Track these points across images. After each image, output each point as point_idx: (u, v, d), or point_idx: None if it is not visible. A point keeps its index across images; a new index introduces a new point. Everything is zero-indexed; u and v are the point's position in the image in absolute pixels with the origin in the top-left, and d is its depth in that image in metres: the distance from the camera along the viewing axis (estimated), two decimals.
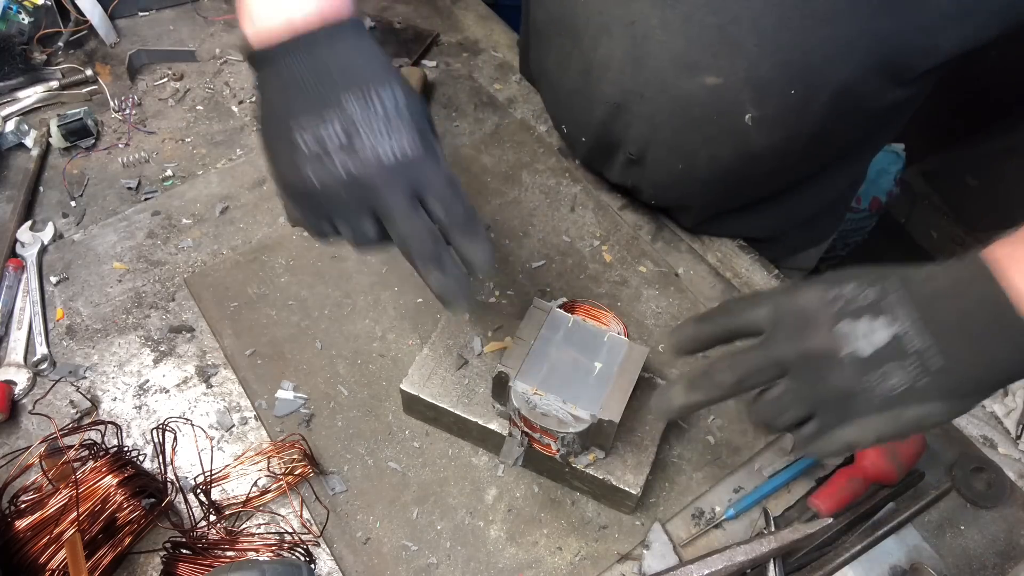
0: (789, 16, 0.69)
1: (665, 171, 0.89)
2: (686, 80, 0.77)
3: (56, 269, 0.90)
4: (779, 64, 0.73)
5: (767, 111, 0.77)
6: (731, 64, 0.74)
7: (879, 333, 0.44)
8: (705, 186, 0.89)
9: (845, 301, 0.45)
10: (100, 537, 0.68)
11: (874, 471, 0.75)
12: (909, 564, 0.73)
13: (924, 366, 0.43)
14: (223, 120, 1.07)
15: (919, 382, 0.43)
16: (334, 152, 0.54)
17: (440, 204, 0.57)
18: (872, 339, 0.44)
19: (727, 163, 0.84)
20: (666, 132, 0.84)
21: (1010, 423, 0.90)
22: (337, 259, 0.91)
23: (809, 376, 0.46)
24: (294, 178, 0.56)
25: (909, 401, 0.44)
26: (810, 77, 0.73)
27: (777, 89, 0.75)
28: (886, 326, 0.44)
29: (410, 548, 0.72)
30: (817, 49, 0.71)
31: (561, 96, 0.96)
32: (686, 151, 0.85)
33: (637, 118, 0.85)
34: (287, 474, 0.74)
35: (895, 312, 0.44)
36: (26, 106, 1.05)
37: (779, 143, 0.81)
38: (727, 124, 0.79)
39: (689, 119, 0.81)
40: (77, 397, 0.80)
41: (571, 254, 0.94)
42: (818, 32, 0.69)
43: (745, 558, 0.70)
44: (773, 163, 0.84)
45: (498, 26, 1.23)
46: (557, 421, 0.67)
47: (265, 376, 0.82)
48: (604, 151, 0.94)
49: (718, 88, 0.76)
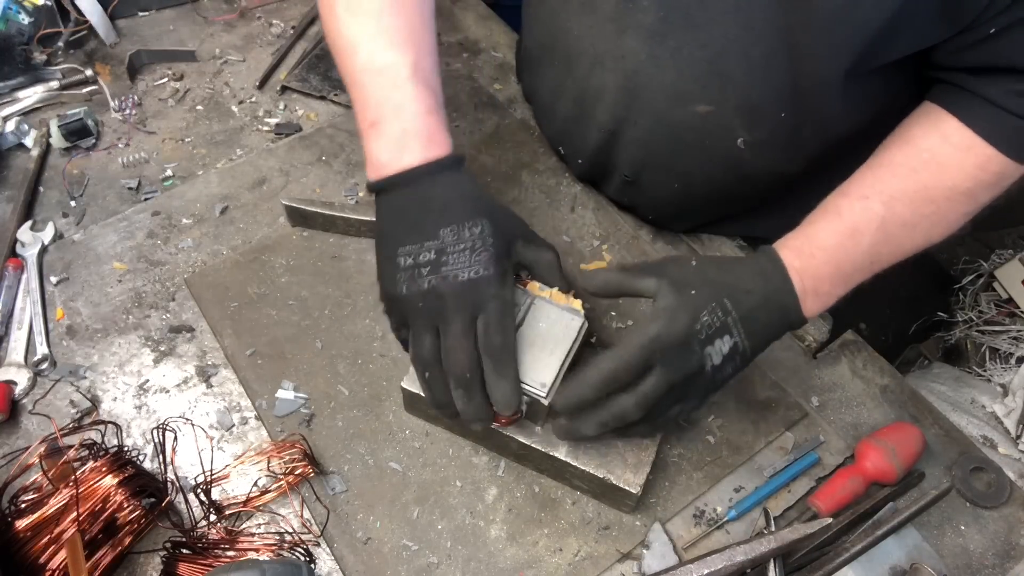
0: (777, 48, 0.70)
1: (661, 191, 0.90)
2: (678, 109, 0.78)
3: (56, 269, 0.90)
4: (769, 91, 0.74)
5: (759, 135, 0.78)
6: (721, 94, 0.75)
7: (725, 346, 0.65)
8: (702, 204, 0.90)
9: (705, 331, 0.63)
10: (100, 537, 0.67)
11: (874, 471, 0.75)
12: (909, 564, 0.73)
13: (743, 357, 0.66)
14: (223, 120, 1.07)
15: (738, 366, 0.67)
16: (427, 268, 0.66)
17: (483, 328, 0.65)
18: (722, 351, 0.65)
19: (722, 184, 0.85)
20: (660, 156, 0.85)
21: (1010, 423, 0.90)
22: (337, 259, 0.91)
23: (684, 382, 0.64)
24: (390, 289, 0.68)
25: (731, 378, 0.68)
26: (801, 102, 0.74)
27: (768, 114, 0.75)
28: (728, 341, 0.65)
29: (410, 548, 0.72)
30: (807, 76, 0.71)
31: (556, 121, 0.97)
32: (680, 173, 0.86)
33: (631, 143, 0.86)
34: (287, 474, 0.74)
35: (732, 331, 0.65)
36: (26, 106, 1.05)
37: (774, 164, 0.82)
38: (720, 148, 0.80)
39: (682, 144, 0.82)
40: (77, 397, 0.80)
41: (571, 254, 0.94)
42: (806, 64, 0.70)
43: (745, 558, 0.70)
44: (769, 181, 0.85)
45: (498, 26, 1.23)
46: None
47: (265, 376, 0.82)
48: (600, 172, 0.95)
49: (710, 115, 0.77)
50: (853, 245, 0.69)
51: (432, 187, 0.69)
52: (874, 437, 0.77)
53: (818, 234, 0.70)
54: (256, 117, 1.08)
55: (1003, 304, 1.27)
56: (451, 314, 0.65)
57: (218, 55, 1.15)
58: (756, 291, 0.66)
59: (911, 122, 0.73)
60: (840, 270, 0.69)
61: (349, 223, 0.92)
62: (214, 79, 1.12)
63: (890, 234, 0.70)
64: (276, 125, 1.06)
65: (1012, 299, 1.27)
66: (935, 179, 0.69)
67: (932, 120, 0.71)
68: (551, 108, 0.97)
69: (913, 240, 0.72)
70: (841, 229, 0.69)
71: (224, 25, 1.20)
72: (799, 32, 0.67)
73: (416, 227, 0.67)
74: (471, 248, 0.66)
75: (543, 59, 0.94)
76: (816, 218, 0.71)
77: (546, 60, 0.93)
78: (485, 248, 0.66)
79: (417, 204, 0.68)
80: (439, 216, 0.67)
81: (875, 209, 0.69)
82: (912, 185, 0.69)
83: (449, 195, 0.68)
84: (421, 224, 0.67)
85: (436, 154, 0.69)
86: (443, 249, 0.66)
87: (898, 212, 0.69)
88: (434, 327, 0.66)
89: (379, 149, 0.71)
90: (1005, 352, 1.07)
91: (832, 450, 0.80)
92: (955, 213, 0.72)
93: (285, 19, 1.21)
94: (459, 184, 0.70)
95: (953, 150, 0.69)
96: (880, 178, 0.71)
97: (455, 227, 0.67)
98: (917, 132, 0.72)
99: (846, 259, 0.69)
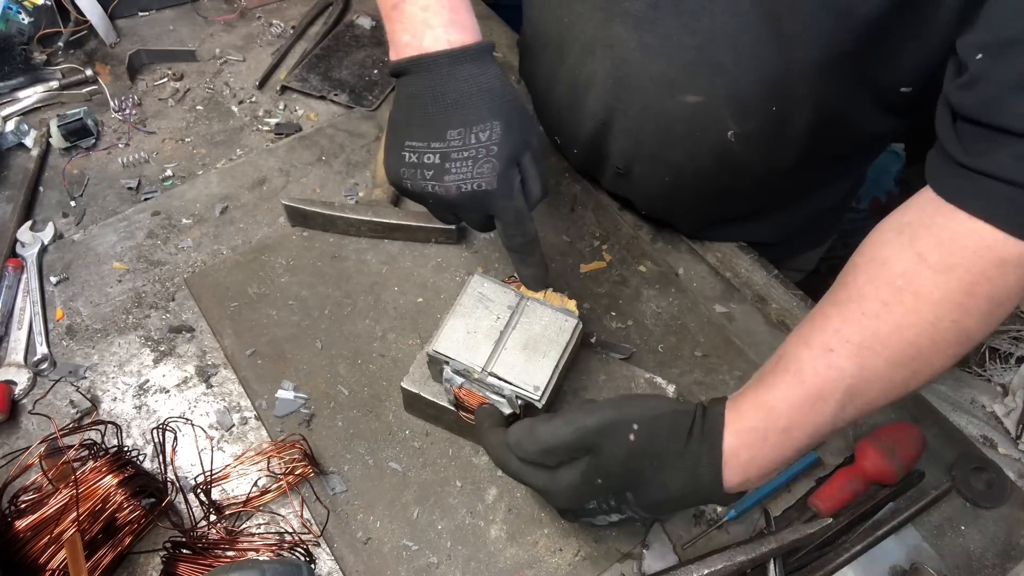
0: (765, 37, 0.69)
1: (652, 183, 0.90)
2: (667, 99, 0.78)
3: (56, 269, 0.90)
4: (758, 82, 0.73)
5: (749, 127, 0.77)
6: (710, 83, 0.75)
7: (613, 516, 0.65)
8: (694, 198, 0.90)
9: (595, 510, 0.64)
10: (100, 537, 0.68)
11: (874, 471, 0.75)
12: (909, 564, 0.73)
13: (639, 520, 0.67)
14: (223, 120, 1.07)
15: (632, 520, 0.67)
16: (431, 171, 0.66)
17: (501, 228, 0.69)
18: (608, 518, 0.65)
19: (713, 176, 0.85)
20: (651, 147, 0.85)
21: (1010, 423, 0.90)
22: (337, 259, 0.91)
23: None
24: (394, 179, 0.69)
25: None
26: (790, 94, 0.73)
27: (757, 106, 0.75)
28: (616, 516, 0.65)
29: (410, 548, 0.72)
30: (795, 67, 0.71)
31: (551, 110, 0.97)
32: (671, 165, 0.85)
33: (622, 133, 0.85)
34: (287, 474, 0.74)
35: (625, 512, 0.64)
36: (26, 106, 1.05)
37: (764, 158, 0.81)
38: (710, 140, 0.80)
39: (672, 135, 0.81)
40: (77, 397, 0.80)
41: (571, 254, 0.94)
42: (794, 53, 0.69)
43: (745, 558, 0.70)
44: (760, 176, 0.84)
45: (498, 26, 1.23)
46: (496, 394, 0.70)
47: (265, 376, 0.82)
48: (594, 163, 0.95)
49: (699, 106, 0.77)
50: (813, 414, 0.57)
51: (449, 78, 0.66)
52: (874, 437, 0.77)
53: (773, 401, 0.58)
54: (256, 117, 1.08)
55: None
56: (461, 213, 0.69)
57: (218, 55, 1.15)
58: (674, 486, 0.60)
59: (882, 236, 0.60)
60: (790, 441, 0.58)
61: (349, 223, 0.92)
62: (214, 79, 1.12)
63: (858, 394, 0.57)
64: (276, 125, 1.06)
65: None
66: (912, 315, 0.56)
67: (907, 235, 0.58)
68: (546, 97, 0.97)
69: (888, 395, 0.59)
70: (801, 394, 0.57)
71: (224, 25, 1.20)
72: (786, 19, 0.67)
73: (425, 123, 0.66)
74: (474, 158, 0.65)
75: (537, 48, 0.94)
76: (774, 378, 0.59)
77: (540, 49, 0.93)
78: (489, 158, 0.65)
79: (430, 95, 0.66)
80: (450, 114, 0.65)
81: (842, 367, 0.57)
82: (885, 327, 0.56)
83: (464, 89, 0.66)
84: (430, 120, 0.66)
85: (459, 39, 0.66)
86: (447, 155, 0.65)
87: (869, 367, 0.57)
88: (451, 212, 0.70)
89: (400, 29, 0.68)
90: (1005, 352, 1.07)
91: (832, 450, 0.80)
92: (941, 357, 0.58)
93: (285, 19, 1.21)
94: (478, 77, 0.66)
95: (932, 273, 0.55)
96: (848, 319, 0.57)
97: (463, 130, 0.65)
98: (889, 251, 0.58)
99: (801, 430, 0.58)
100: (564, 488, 0.62)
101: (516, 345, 0.71)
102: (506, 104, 0.66)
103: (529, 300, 0.74)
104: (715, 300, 0.92)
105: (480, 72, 0.66)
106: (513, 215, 0.68)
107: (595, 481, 0.61)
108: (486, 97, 0.66)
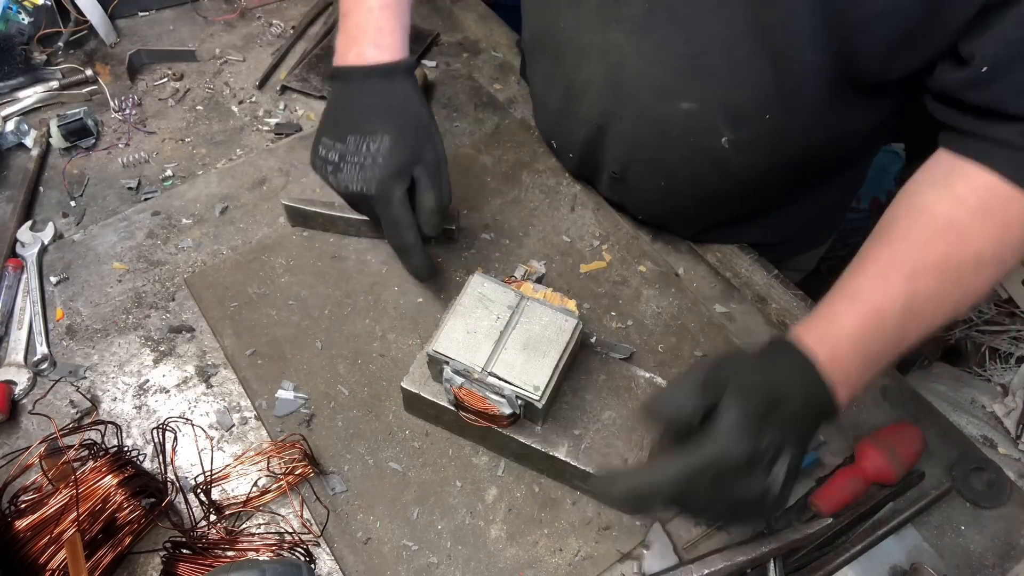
0: (758, 49, 0.69)
1: (648, 189, 0.90)
2: (662, 105, 0.78)
3: (56, 269, 0.90)
4: (752, 92, 0.73)
5: (744, 135, 0.77)
6: (704, 91, 0.75)
7: (784, 466, 0.60)
8: (690, 203, 0.90)
9: (766, 456, 0.59)
10: (100, 537, 0.68)
11: (874, 471, 0.75)
12: (909, 564, 0.73)
13: (794, 464, 0.61)
14: (223, 120, 1.07)
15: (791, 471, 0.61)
16: (331, 167, 0.78)
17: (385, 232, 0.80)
18: (782, 470, 0.60)
19: (708, 182, 0.85)
20: (646, 152, 0.85)
21: (1010, 423, 0.90)
22: (337, 259, 0.91)
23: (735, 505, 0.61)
24: (312, 161, 0.81)
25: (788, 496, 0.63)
26: (784, 104, 0.73)
27: (752, 115, 0.75)
28: (784, 460, 0.60)
29: (410, 548, 0.72)
30: (790, 75, 0.70)
31: (548, 113, 0.98)
32: (666, 171, 0.86)
33: (617, 138, 0.86)
34: (287, 474, 0.74)
35: (787, 449, 0.60)
36: (26, 106, 1.05)
37: (759, 165, 0.81)
38: (705, 146, 0.80)
39: (667, 141, 0.82)
40: (77, 397, 0.80)
41: (571, 254, 0.94)
42: (789, 66, 0.69)
43: (745, 558, 0.70)
44: (757, 181, 0.84)
45: (498, 26, 1.23)
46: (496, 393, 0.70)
47: (265, 376, 0.82)
48: (590, 168, 0.95)
49: (693, 112, 0.77)
50: (878, 328, 0.63)
51: (358, 90, 0.78)
52: (874, 437, 0.77)
53: (840, 319, 0.63)
54: (256, 117, 1.08)
55: (1003, 304, 1.26)
56: (355, 207, 0.83)
57: (218, 55, 1.15)
58: (795, 396, 0.61)
59: (918, 189, 0.67)
60: (868, 356, 0.64)
61: (349, 223, 0.92)
62: (214, 79, 1.12)
63: (916, 311, 0.64)
64: (276, 125, 1.06)
65: (1012, 299, 1.27)
66: (957, 248, 0.63)
67: (942, 185, 0.66)
68: (543, 101, 0.97)
69: (942, 313, 0.65)
70: (864, 312, 0.63)
71: (224, 25, 1.20)
72: (778, 31, 0.67)
73: (335, 125, 0.78)
74: (361, 164, 0.75)
75: (535, 51, 0.94)
76: (835, 300, 0.65)
77: (538, 52, 0.93)
78: (375, 167, 0.75)
79: (343, 103, 0.79)
80: (352, 122, 0.76)
81: (897, 286, 0.63)
82: (933, 256, 0.63)
83: (367, 102, 0.77)
84: (339, 124, 0.77)
85: (374, 57, 0.78)
86: (344, 156, 0.76)
87: (922, 286, 0.63)
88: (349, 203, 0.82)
89: (339, 42, 0.81)
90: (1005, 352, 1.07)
91: (832, 450, 0.80)
92: (982, 282, 0.65)
93: (285, 19, 1.21)
94: (382, 93, 0.77)
95: (971, 216, 0.63)
96: (897, 252, 0.65)
97: (359, 137, 0.75)
98: (929, 199, 0.66)
99: (873, 343, 0.63)
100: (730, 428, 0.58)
101: (516, 345, 0.71)
102: (402, 120, 0.76)
103: (529, 300, 0.74)
104: (715, 300, 0.92)
105: (385, 88, 0.78)
106: (390, 220, 0.77)
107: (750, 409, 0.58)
108: (384, 111, 0.76)
